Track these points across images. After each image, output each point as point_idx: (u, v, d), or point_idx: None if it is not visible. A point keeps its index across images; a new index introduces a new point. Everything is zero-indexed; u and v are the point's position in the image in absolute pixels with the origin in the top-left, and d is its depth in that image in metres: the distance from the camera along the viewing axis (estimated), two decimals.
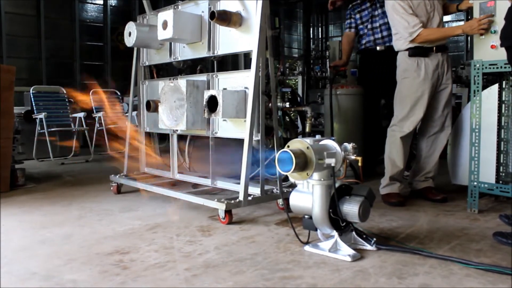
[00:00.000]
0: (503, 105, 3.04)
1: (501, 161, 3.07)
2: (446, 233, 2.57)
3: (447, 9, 3.47)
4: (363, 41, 4.61)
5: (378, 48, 4.39)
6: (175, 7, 3.46)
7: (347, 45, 4.67)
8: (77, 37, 8.72)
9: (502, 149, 3.06)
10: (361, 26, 4.63)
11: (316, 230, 2.31)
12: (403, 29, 3.26)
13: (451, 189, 3.61)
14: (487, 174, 3.05)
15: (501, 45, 2.45)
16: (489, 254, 2.20)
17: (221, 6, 3.14)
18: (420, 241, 2.42)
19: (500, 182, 3.04)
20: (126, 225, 2.84)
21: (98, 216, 3.07)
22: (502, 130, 3.05)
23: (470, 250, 2.26)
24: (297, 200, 2.34)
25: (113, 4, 9.33)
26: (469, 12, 3.47)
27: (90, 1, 9.02)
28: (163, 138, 4.37)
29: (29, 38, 8.18)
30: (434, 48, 3.27)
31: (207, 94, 2.99)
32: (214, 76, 3.26)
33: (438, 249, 2.26)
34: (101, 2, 9.16)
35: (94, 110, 6.88)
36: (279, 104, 3.23)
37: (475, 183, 3.02)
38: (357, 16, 4.63)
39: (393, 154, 3.36)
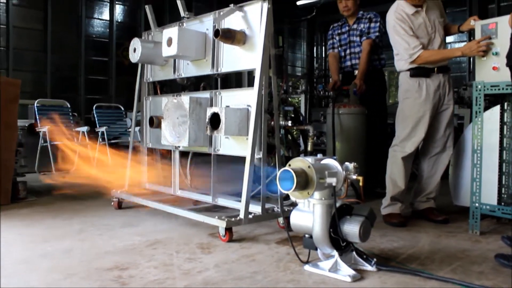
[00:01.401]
0: (505, 127, 3.05)
1: (503, 182, 3.06)
2: (447, 254, 2.55)
3: (448, 30, 3.50)
4: (341, 65, 4.72)
5: (355, 72, 4.45)
6: (180, 24, 3.50)
7: (334, 63, 4.71)
8: (82, 52, 8.80)
9: (504, 170, 3.06)
10: (339, 49, 4.71)
11: (316, 249, 2.31)
12: (403, 50, 3.28)
13: (452, 210, 3.60)
14: (489, 195, 3.04)
15: (506, 65, 2.46)
16: (490, 276, 2.19)
17: (226, 24, 3.17)
18: (421, 262, 2.41)
19: (502, 203, 3.04)
20: (126, 240, 2.83)
21: (99, 231, 3.07)
22: (504, 152, 3.05)
23: (471, 272, 2.25)
24: (298, 219, 2.34)
25: (119, 20, 9.43)
26: (471, 33, 3.47)
27: (97, 17, 9.12)
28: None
29: (35, 52, 8.26)
30: (436, 68, 3.28)
31: (210, 111, 3.01)
32: (217, 93, 3.28)
33: (439, 271, 2.25)
34: (108, 18, 9.26)
35: (97, 125, 6.90)
36: (281, 122, 3.24)
37: (477, 204, 3.01)
38: (337, 38, 4.72)
39: (395, 174, 3.36)
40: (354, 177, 2.22)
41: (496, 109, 3.08)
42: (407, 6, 3.30)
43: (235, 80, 9.27)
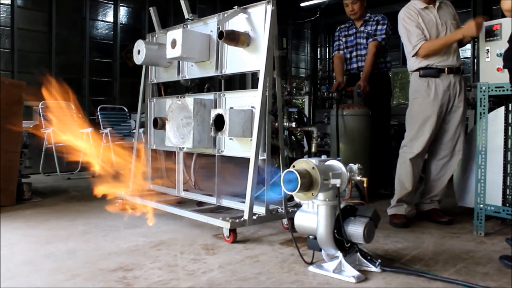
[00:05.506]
0: (510, 128, 3.04)
1: (508, 183, 3.05)
2: (451, 255, 2.55)
3: (461, 41, 3.45)
4: (347, 67, 4.69)
5: (361, 75, 4.42)
6: (184, 26, 3.51)
7: (340, 65, 4.68)
8: (87, 54, 8.82)
9: (508, 171, 3.04)
10: (345, 51, 4.68)
11: (320, 250, 2.30)
12: (407, 42, 3.32)
13: (457, 211, 3.59)
14: (494, 196, 3.03)
15: (504, 67, 2.46)
16: (495, 277, 2.19)
17: (230, 26, 3.18)
18: (425, 263, 2.40)
19: (507, 204, 3.02)
20: (131, 241, 2.84)
21: (103, 232, 3.08)
22: (509, 153, 3.04)
23: (476, 274, 2.24)
24: (302, 220, 2.34)
25: (123, 22, 9.45)
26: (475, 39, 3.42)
27: (101, 19, 9.15)
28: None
29: (40, 54, 8.29)
30: (446, 69, 3.27)
31: (214, 112, 3.02)
32: (221, 95, 3.29)
33: (443, 272, 2.25)
34: (112, 20, 9.29)
35: (101, 126, 6.92)
36: (285, 123, 3.24)
37: (481, 205, 3.00)
38: (343, 39, 4.69)
39: (402, 176, 3.34)
40: (358, 178, 2.23)
41: (501, 110, 3.07)
42: (418, 3, 3.34)
43: (238, 81, 9.27)
